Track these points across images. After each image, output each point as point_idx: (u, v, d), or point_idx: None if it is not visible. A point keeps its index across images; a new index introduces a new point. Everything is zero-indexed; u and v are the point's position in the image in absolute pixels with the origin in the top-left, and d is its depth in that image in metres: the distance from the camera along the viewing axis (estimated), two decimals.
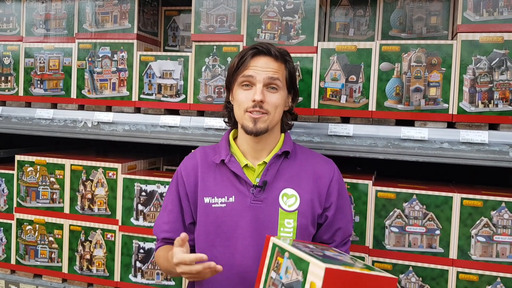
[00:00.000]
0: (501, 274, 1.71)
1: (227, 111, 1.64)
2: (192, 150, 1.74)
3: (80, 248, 2.15)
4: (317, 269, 1.10)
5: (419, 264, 1.78)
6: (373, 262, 1.82)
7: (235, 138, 1.61)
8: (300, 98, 1.89)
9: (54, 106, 2.25)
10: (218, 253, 1.50)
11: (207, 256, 1.36)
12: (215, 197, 1.51)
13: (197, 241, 1.56)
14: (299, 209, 1.50)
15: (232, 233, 1.49)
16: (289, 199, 1.51)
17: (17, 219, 2.25)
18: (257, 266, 1.45)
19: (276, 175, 1.52)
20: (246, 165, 1.53)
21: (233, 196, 1.50)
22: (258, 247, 1.47)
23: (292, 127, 1.67)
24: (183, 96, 2.05)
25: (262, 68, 1.47)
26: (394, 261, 1.80)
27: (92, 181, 2.13)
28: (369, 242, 1.83)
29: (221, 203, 1.51)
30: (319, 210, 1.54)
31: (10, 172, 2.27)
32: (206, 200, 1.52)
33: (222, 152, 1.55)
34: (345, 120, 1.89)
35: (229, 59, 1.98)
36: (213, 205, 1.51)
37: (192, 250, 1.60)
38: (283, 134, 1.60)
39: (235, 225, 1.49)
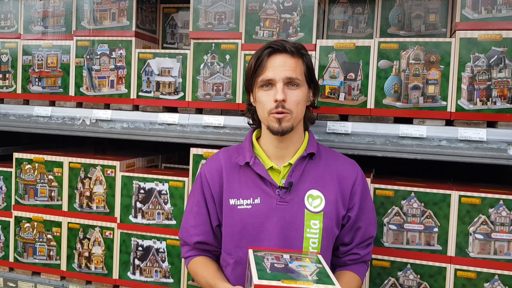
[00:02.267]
0: (499, 272, 1.71)
1: (250, 113, 1.62)
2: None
3: (78, 245, 2.15)
4: (254, 281, 1.18)
5: (417, 262, 1.78)
6: (372, 259, 1.83)
7: (257, 138, 1.61)
8: None
9: (52, 103, 2.25)
10: (244, 255, 1.49)
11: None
12: (240, 199, 1.51)
13: (223, 243, 1.56)
14: (325, 210, 1.49)
15: (258, 235, 1.49)
16: (315, 200, 1.50)
17: (15, 216, 2.25)
18: None
19: (301, 177, 1.52)
20: (271, 167, 1.52)
21: (259, 198, 1.50)
22: (285, 248, 1.46)
23: (315, 121, 1.66)
24: (181, 94, 2.05)
25: (280, 66, 1.45)
26: (392, 258, 1.81)
27: (90, 178, 2.12)
28: None
29: (247, 204, 1.50)
30: (343, 211, 1.53)
31: (8, 169, 2.27)
32: (232, 201, 1.51)
33: (246, 154, 1.54)
34: (344, 118, 1.89)
35: (227, 57, 1.97)
36: (238, 207, 1.50)
37: (218, 257, 1.62)
38: (307, 134, 1.59)
39: (261, 227, 1.48)
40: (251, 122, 1.65)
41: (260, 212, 1.49)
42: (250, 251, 1.35)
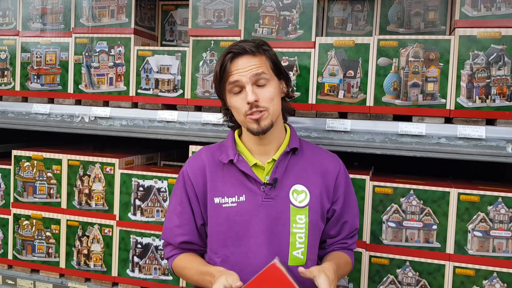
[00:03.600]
0: (498, 269, 1.72)
1: (228, 117, 1.62)
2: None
3: (77, 243, 2.15)
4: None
5: (416, 259, 1.79)
6: (370, 257, 1.83)
7: (239, 135, 1.60)
8: (298, 94, 1.89)
9: (51, 101, 2.25)
10: (230, 253, 1.49)
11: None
12: (225, 197, 1.50)
13: (209, 242, 1.55)
14: (310, 204, 1.50)
15: (244, 232, 1.48)
16: (299, 195, 1.51)
17: (14, 214, 2.24)
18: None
19: (285, 172, 1.52)
20: (255, 164, 1.52)
21: (244, 195, 1.49)
22: (272, 245, 1.47)
23: (294, 112, 1.65)
24: (180, 91, 2.05)
25: (244, 68, 1.45)
26: (391, 256, 1.81)
27: (89, 176, 2.12)
28: (366, 237, 1.84)
29: (232, 202, 1.49)
30: (328, 204, 1.55)
31: (7, 167, 2.27)
32: (216, 200, 1.51)
33: (229, 152, 1.53)
34: (343, 115, 1.89)
35: None
36: (223, 205, 1.50)
37: (202, 255, 1.61)
38: (288, 130, 1.59)
39: (247, 224, 1.48)
40: (231, 124, 1.64)
41: (245, 210, 1.48)
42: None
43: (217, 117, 1.94)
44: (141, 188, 2.05)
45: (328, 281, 1.29)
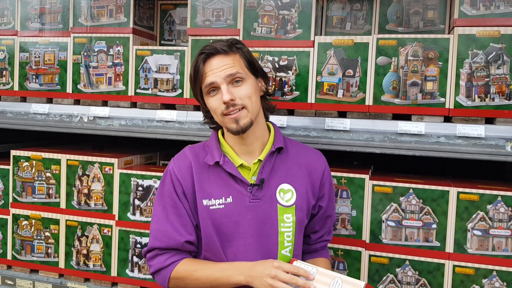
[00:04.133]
0: (497, 268, 1.72)
1: (209, 118, 1.61)
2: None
3: (76, 243, 2.15)
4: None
5: (416, 258, 1.79)
6: (370, 256, 1.83)
7: (223, 135, 1.60)
8: (297, 93, 1.89)
9: (49, 100, 2.24)
10: (220, 254, 1.48)
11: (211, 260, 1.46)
12: (212, 199, 1.49)
13: (204, 241, 1.52)
14: (296, 203, 1.51)
15: (233, 234, 1.48)
16: (286, 194, 1.51)
17: (13, 214, 2.24)
18: None
19: (271, 172, 1.52)
20: (241, 165, 1.51)
21: (231, 197, 1.49)
22: (261, 245, 1.47)
23: (274, 109, 1.65)
24: (179, 91, 2.05)
25: (218, 69, 1.44)
26: (390, 255, 1.81)
27: (88, 176, 2.12)
28: (366, 236, 1.84)
29: (219, 204, 1.48)
30: (313, 201, 1.57)
31: (6, 167, 2.26)
32: (204, 202, 1.49)
33: (214, 153, 1.52)
34: (342, 115, 1.89)
35: None
36: (210, 207, 1.48)
37: (195, 256, 1.59)
38: (272, 128, 1.59)
39: (235, 225, 1.48)
40: (212, 126, 1.63)
41: (233, 211, 1.48)
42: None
43: None
44: (140, 188, 2.04)
45: None
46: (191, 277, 1.46)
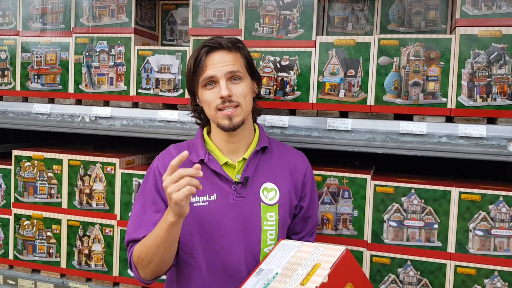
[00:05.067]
0: (499, 268, 1.72)
1: (197, 113, 1.61)
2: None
3: (78, 243, 2.15)
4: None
5: (417, 258, 1.78)
6: (372, 256, 1.83)
7: (208, 133, 1.60)
8: (298, 93, 1.89)
9: (51, 100, 2.24)
10: (202, 252, 1.49)
11: (191, 259, 1.45)
12: (196, 196, 1.49)
13: (181, 243, 1.51)
14: (279, 202, 1.53)
15: (215, 231, 1.48)
16: (269, 193, 1.53)
17: (14, 214, 2.24)
18: (243, 262, 1.47)
19: (256, 171, 1.53)
20: (225, 163, 1.52)
21: (215, 194, 1.49)
22: (244, 243, 1.48)
23: (261, 112, 1.66)
24: (181, 91, 2.05)
25: (220, 64, 1.45)
26: (392, 255, 1.81)
27: (90, 176, 2.12)
28: (367, 236, 1.84)
29: (203, 201, 1.49)
30: (296, 201, 1.58)
31: (8, 167, 2.26)
32: None
33: (199, 151, 1.53)
34: (344, 115, 1.89)
35: None
36: (194, 204, 1.48)
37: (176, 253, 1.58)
38: (257, 129, 1.61)
39: (218, 223, 1.48)
40: (199, 121, 1.63)
41: (217, 209, 1.48)
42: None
43: None
44: None
45: None
46: (144, 250, 1.39)
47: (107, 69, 2.14)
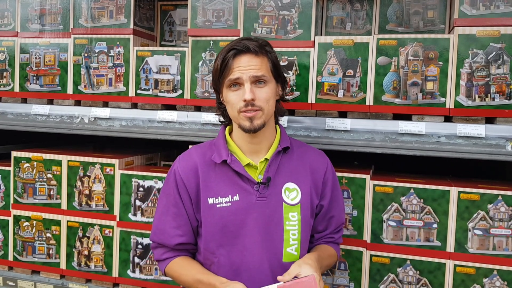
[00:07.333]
0: (498, 267, 1.72)
1: (221, 111, 1.63)
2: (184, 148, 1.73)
3: (78, 244, 2.15)
4: None
5: (417, 258, 1.79)
6: (371, 256, 1.83)
7: (230, 133, 1.61)
8: (297, 93, 1.89)
9: (50, 102, 2.24)
10: (226, 252, 1.50)
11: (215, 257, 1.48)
12: (219, 197, 1.50)
13: (204, 242, 1.54)
14: (301, 201, 1.53)
15: (239, 231, 1.49)
16: (291, 193, 1.53)
17: (14, 215, 2.24)
18: (265, 262, 1.48)
19: (277, 171, 1.53)
20: (248, 164, 1.52)
21: (237, 195, 1.50)
22: (266, 243, 1.49)
23: (285, 113, 1.67)
24: (180, 91, 2.05)
25: (246, 67, 1.46)
26: (391, 255, 1.81)
27: (89, 177, 2.12)
28: (367, 236, 1.84)
29: (226, 202, 1.50)
30: (316, 200, 1.58)
31: (7, 168, 2.26)
32: (210, 201, 1.51)
33: (222, 152, 1.54)
34: (343, 115, 1.89)
35: None
36: (217, 205, 1.50)
37: (193, 255, 1.61)
38: (278, 129, 1.61)
39: (242, 223, 1.49)
40: (222, 119, 1.65)
41: (240, 209, 1.49)
42: None
43: (216, 117, 1.94)
44: (141, 189, 2.05)
45: (310, 267, 1.33)
46: (178, 278, 1.56)
47: (106, 70, 2.14)
